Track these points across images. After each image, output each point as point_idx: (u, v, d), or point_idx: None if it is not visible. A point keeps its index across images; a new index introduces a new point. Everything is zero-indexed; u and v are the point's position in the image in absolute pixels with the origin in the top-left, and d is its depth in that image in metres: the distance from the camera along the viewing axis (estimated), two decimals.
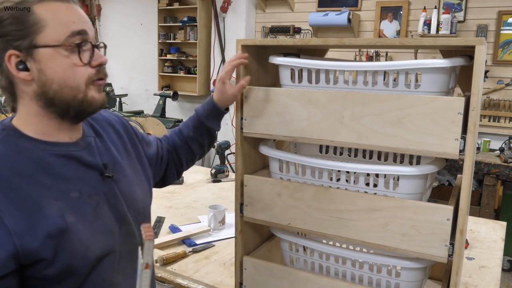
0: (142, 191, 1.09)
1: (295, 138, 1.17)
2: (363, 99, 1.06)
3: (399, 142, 1.04)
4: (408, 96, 1.02)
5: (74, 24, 0.86)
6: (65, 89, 0.87)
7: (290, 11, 4.81)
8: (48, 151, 0.88)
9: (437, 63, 1.01)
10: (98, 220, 0.91)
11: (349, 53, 4.31)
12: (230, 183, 2.63)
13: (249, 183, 1.22)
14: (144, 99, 5.96)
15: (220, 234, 1.86)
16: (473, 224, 2.05)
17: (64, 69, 0.86)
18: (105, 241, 0.92)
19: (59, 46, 0.84)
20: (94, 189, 0.93)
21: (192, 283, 1.49)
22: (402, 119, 1.02)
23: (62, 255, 0.83)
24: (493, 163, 3.44)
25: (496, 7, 3.80)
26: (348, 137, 1.10)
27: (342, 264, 1.19)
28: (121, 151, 1.07)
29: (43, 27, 0.83)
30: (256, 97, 1.21)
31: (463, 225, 0.97)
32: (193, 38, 5.30)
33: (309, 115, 1.14)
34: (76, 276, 0.87)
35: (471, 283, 1.52)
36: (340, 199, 1.09)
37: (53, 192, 0.85)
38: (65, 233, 0.84)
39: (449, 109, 0.97)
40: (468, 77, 0.94)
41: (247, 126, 1.24)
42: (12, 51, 0.83)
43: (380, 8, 4.30)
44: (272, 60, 1.21)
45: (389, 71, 1.08)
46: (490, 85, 3.87)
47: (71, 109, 0.89)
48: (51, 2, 0.85)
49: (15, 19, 0.83)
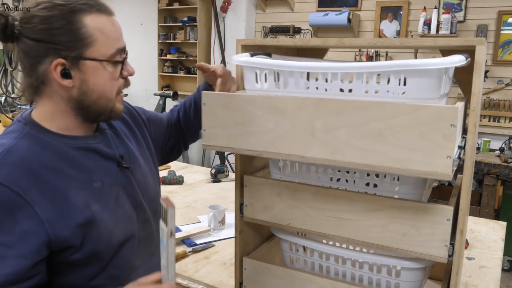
0: (154, 179, 1.16)
1: (259, 152, 1.03)
2: (337, 107, 0.92)
3: (380, 159, 0.90)
4: (390, 104, 0.87)
5: (118, 41, 0.93)
6: (102, 100, 0.93)
7: (290, 11, 4.81)
8: (69, 144, 0.94)
9: (425, 63, 0.86)
10: (119, 208, 0.98)
11: (349, 53, 4.31)
12: (230, 183, 2.63)
13: (249, 183, 1.22)
14: (144, 99, 5.96)
15: (220, 234, 1.86)
16: (473, 224, 2.05)
17: (105, 81, 0.92)
18: (126, 228, 0.99)
19: (106, 61, 0.91)
20: (114, 179, 0.99)
21: (192, 283, 1.49)
22: (384, 132, 0.88)
23: (89, 242, 0.90)
24: (493, 163, 3.44)
25: (496, 7, 3.80)
26: (320, 152, 0.96)
27: (342, 264, 1.19)
28: (133, 142, 1.12)
29: (93, 42, 0.89)
30: (216, 104, 1.06)
31: (463, 225, 0.96)
32: (193, 38, 5.30)
33: (275, 125, 0.99)
34: (101, 260, 0.94)
35: (471, 283, 1.52)
36: (340, 199, 1.09)
37: (78, 183, 0.91)
38: (92, 222, 0.90)
39: (439, 120, 0.83)
40: (468, 77, 0.93)
41: (206, 138, 1.09)
42: (60, 60, 0.87)
43: (380, 8, 4.30)
44: (234, 60, 1.07)
45: (369, 74, 0.94)
46: (490, 85, 3.87)
47: (101, 116, 0.97)
48: (99, 15, 0.90)
49: (68, 30, 0.87)
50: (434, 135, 0.84)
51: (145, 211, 1.06)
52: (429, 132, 0.84)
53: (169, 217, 0.83)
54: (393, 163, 0.89)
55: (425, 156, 0.86)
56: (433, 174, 0.86)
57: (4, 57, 2.88)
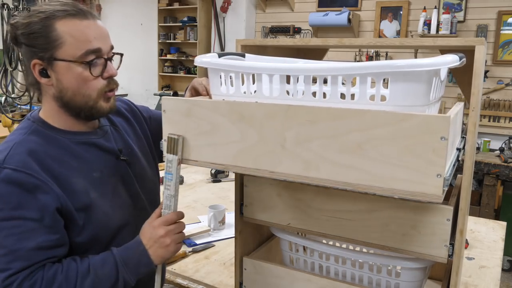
0: (152, 171, 1.24)
1: (225, 166, 0.93)
2: (310, 115, 0.81)
3: (360, 177, 0.78)
4: (371, 113, 0.76)
5: (89, 43, 0.98)
6: (78, 96, 1.01)
7: (290, 11, 4.82)
8: (72, 139, 1.04)
9: (411, 64, 0.74)
10: (116, 196, 1.09)
11: (349, 53, 4.31)
12: (230, 183, 2.63)
13: (249, 183, 1.22)
14: (144, 99, 5.96)
15: (220, 234, 1.86)
16: (473, 224, 2.05)
17: (78, 81, 1.00)
18: (123, 214, 1.09)
19: (74, 62, 0.98)
20: (112, 170, 1.09)
21: (192, 283, 1.49)
22: (364, 145, 0.77)
23: (89, 225, 1.01)
24: (493, 163, 3.44)
25: (496, 7, 3.80)
26: (292, 167, 0.84)
27: (342, 264, 1.19)
28: (132, 137, 1.21)
29: (62, 43, 0.97)
30: (176, 111, 0.96)
31: (463, 225, 0.96)
32: (193, 38, 5.30)
33: (242, 136, 0.89)
34: (100, 243, 1.04)
35: (471, 283, 1.52)
36: (340, 199, 1.09)
37: (79, 173, 1.02)
38: (91, 207, 1.01)
39: (428, 132, 0.72)
40: (468, 77, 0.93)
41: None
42: (36, 61, 0.98)
43: (380, 8, 4.30)
44: (197, 61, 0.97)
45: (346, 77, 0.82)
46: (490, 85, 3.87)
47: (82, 113, 1.04)
48: (73, 19, 0.98)
49: (41, 34, 0.97)
50: (422, 150, 0.73)
51: (142, 201, 1.16)
52: (416, 145, 0.73)
53: (179, 146, 0.93)
54: (374, 182, 0.78)
55: (412, 174, 0.74)
56: (421, 195, 0.74)
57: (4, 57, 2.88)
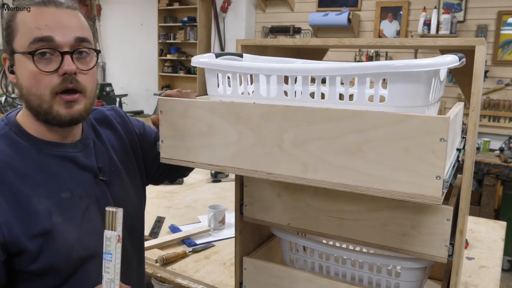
0: (137, 193, 1.10)
1: (223, 167, 0.93)
2: (308, 116, 0.81)
3: (358, 178, 0.79)
4: (370, 114, 0.76)
5: (38, 30, 0.84)
6: (31, 96, 0.87)
7: (290, 11, 4.82)
8: (45, 150, 0.91)
9: (411, 65, 0.74)
10: (86, 222, 0.93)
11: (349, 53, 4.31)
12: (230, 183, 2.63)
13: (249, 183, 1.22)
14: (144, 99, 5.96)
15: (220, 234, 1.86)
16: (473, 224, 2.05)
17: (28, 75, 0.86)
18: (91, 243, 0.92)
19: (22, 53, 0.85)
20: (86, 191, 0.94)
21: (192, 283, 1.49)
22: (362, 146, 0.77)
23: (46, 253, 0.85)
24: (493, 163, 3.44)
25: (496, 7, 3.80)
26: (289, 168, 0.85)
27: (342, 264, 1.19)
28: (120, 153, 1.07)
29: (16, 33, 0.86)
30: (173, 112, 0.96)
31: (463, 225, 0.96)
32: (193, 38, 5.30)
33: (239, 137, 0.89)
34: (59, 274, 0.89)
35: (471, 283, 1.52)
36: (340, 199, 1.09)
37: (44, 190, 0.87)
38: (51, 233, 0.86)
39: (427, 133, 0.72)
40: (468, 77, 0.93)
41: (164, 150, 0.99)
42: (4, 55, 0.88)
43: (380, 8, 4.30)
44: (194, 62, 0.97)
45: (344, 77, 0.82)
46: (490, 85, 3.88)
47: (40, 116, 0.89)
48: (33, 7, 0.86)
49: (7, 26, 0.87)
50: (421, 151, 0.73)
51: None
52: (415, 147, 0.73)
53: (118, 220, 0.81)
54: (372, 183, 0.78)
55: (410, 176, 0.74)
56: (420, 197, 0.75)
57: None
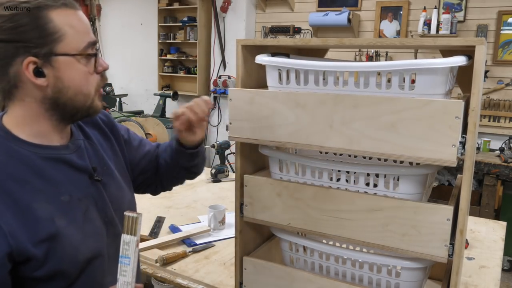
0: (130, 191, 1.11)
1: (282, 143, 1.13)
2: (354, 102, 1.01)
3: (393, 148, 0.99)
4: (402, 99, 0.97)
5: (88, 35, 0.90)
6: (79, 96, 0.90)
7: (290, 11, 4.81)
8: (39, 154, 0.89)
9: (433, 63, 0.95)
10: (88, 223, 0.93)
11: (349, 53, 4.31)
12: (230, 183, 2.63)
13: (249, 183, 1.22)
14: (144, 99, 5.96)
15: (220, 234, 1.86)
16: (473, 224, 2.05)
17: (81, 77, 0.89)
18: (95, 243, 0.93)
19: (78, 55, 0.88)
20: (84, 192, 0.94)
21: (192, 283, 1.49)
22: (396, 124, 0.98)
23: (52, 258, 0.85)
24: (493, 163, 3.44)
25: (496, 7, 3.80)
26: (338, 142, 1.05)
27: (342, 264, 1.19)
28: (109, 153, 1.08)
29: (63, 36, 0.86)
30: (241, 100, 1.17)
31: (463, 225, 0.97)
32: (193, 38, 5.30)
33: (297, 119, 1.09)
34: (66, 278, 0.89)
35: (471, 283, 1.52)
36: (340, 199, 1.09)
37: (44, 196, 0.87)
38: (56, 238, 0.85)
39: (445, 113, 0.93)
40: (468, 77, 0.94)
41: (233, 130, 1.20)
42: (31, 58, 0.83)
43: (380, 8, 4.30)
44: (258, 60, 1.16)
45: (382, 72, 1.02)
46: (490, 85, 3.87)
47: (79, 114, 0.93)
48: (64, 9, 0.87)
49: (36, 26, 0.83)
50: (441, 126, 0.94)
51: (116, 226, 1.00)
52: (436, 123, 0.94)
53: (138, 226, 0.82)
54: (404, 151, 0.99)
55: (433, 145, 0.95)
56: (440, 161, 0.95)
57: None
